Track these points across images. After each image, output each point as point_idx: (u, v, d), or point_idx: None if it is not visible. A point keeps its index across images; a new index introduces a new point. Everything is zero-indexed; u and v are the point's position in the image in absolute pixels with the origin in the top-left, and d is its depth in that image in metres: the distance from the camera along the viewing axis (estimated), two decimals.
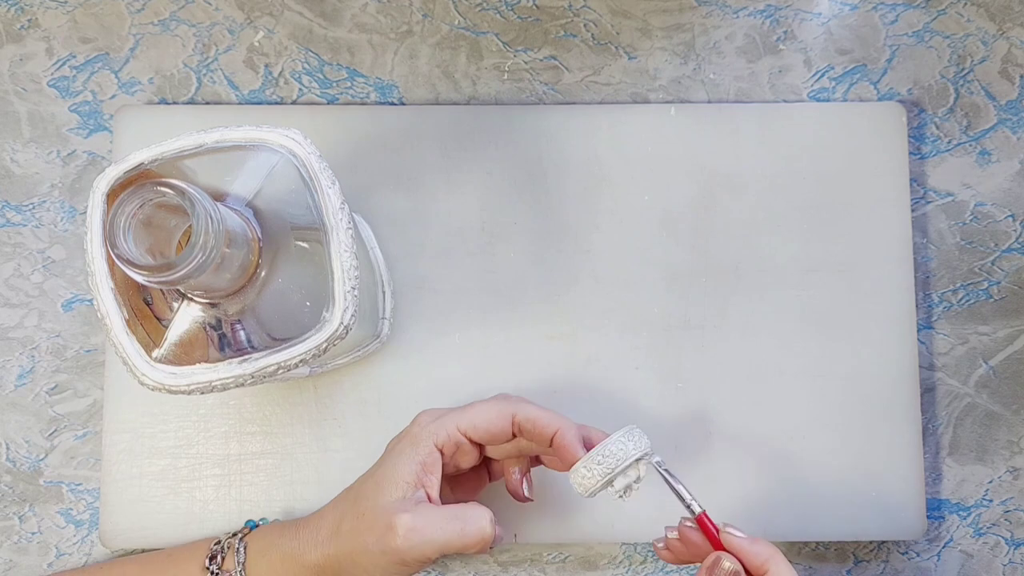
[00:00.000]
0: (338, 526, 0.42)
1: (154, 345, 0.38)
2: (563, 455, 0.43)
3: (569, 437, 0.42)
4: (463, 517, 0.41)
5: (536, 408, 0.43)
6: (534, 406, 0.43)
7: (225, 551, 0.45)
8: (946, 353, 0.53)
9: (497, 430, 0.43)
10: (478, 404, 0.44)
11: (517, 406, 0.43)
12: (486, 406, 0.43)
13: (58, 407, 0.52)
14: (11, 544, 0.52)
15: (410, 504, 0.41)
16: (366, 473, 0.44)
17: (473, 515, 0.41)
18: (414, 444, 0.43)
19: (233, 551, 0.45)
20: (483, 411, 0.43)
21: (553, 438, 0.42)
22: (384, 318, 0.50)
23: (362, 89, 0.54)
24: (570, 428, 0.43)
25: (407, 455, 0.42)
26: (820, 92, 0.55)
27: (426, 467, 0.42)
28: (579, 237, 0.52)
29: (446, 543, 0.40)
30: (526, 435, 0.43)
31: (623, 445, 0.42)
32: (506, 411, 0.43)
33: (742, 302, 0.52)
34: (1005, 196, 0.54)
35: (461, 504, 0.42)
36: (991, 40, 0.55)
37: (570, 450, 0.42)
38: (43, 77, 0.54)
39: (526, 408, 0.43)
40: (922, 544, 0.53)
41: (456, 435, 0.43)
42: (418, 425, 0.44)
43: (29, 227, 0.53)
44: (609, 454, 0.41)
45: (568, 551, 0.52)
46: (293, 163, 0.38)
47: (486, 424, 0.43)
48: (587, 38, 0.55)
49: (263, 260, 0.38)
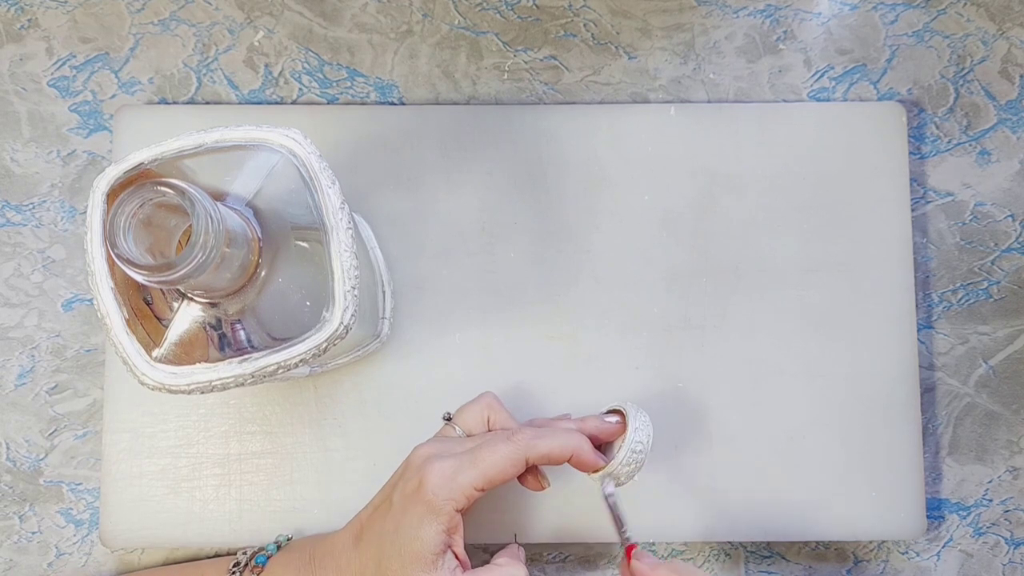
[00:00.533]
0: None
1: (154, 345, 0.38)
2: (584, 468, 0.44)
3: (586, 454, 0.43)
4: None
5: (544, 441, 0.42)
6: (541, 439, 0.42)
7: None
8: (946, 353, 0.53)
9: (511, 475, 0.42)
10: (486, 452, 0.41)
11: (527, 448, 0.42)
12: (495, 456, 0.41)
13: (58, 407, 0.52)
14: (11, 544, 0.52)
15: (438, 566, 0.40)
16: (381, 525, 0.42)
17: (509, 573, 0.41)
18: (435, 513, 0.40)
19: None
20: (494, 464, 0.41)
21: (570, 461, 0.43)
22: (384, 318, 0.50)
23: (362, 89, 0.54)
24: (582, 445, 0.43)
25: (429, 526, 0.40)
26: (820, 92, 0.55)
27: (450, 531, 0.41)
28: (579, 237, 0.52)
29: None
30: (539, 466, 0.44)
31: (640, 437, 0.44)
32: (518, 458, 0.42)
33: (742, 302, 0.52)
34: (1005, 196, 0.54)
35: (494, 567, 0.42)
36: (991, 40, 0.55)
37: (589, 463, 0.43)
38: (43, 77, 0.54)
39: (535, 448, 0.42)
40: (922, 544, 0.53)
41: (473, 494, 0.41)
42: (431, 492, 0.40)
43: (29, 227, 0.53)
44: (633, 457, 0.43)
45: (568, 551, 0.52)
46: (293, 163, 0.38)
47: (501, 477, 0.41)
48: (587, 38, 0.55)
49: (263, 260, 0.38)
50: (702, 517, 0.50)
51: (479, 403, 0.46)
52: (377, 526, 0.42)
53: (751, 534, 0.51)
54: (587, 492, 0.50)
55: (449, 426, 0.46)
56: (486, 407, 0.45)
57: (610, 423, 0.45)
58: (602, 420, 0.45)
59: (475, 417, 0.45)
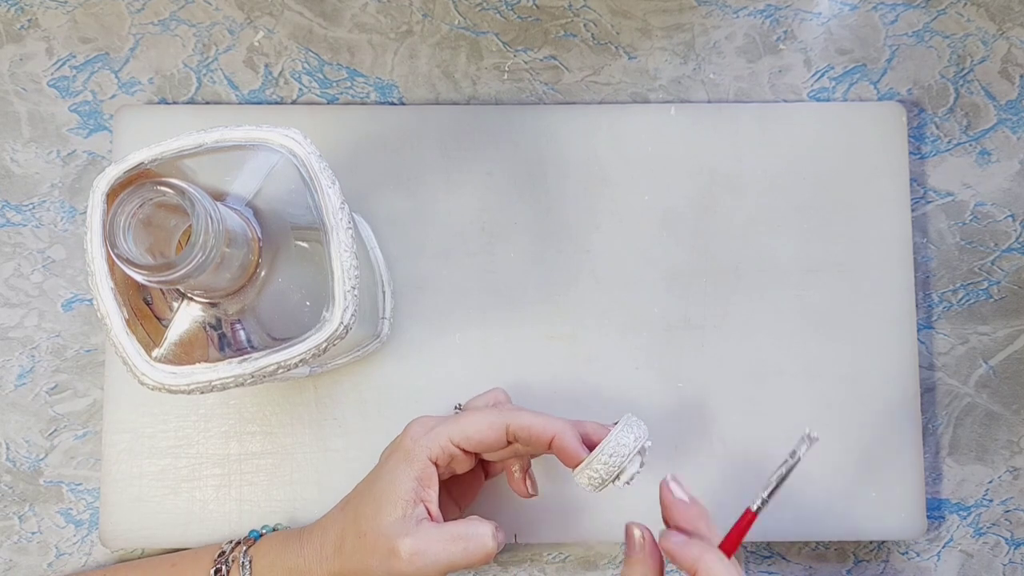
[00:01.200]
0: (341, 543, 0.42)
1: (154, 345, 0.38)
2: (564, 457, 0.43)
3: (568, 440, 0.42)
4: (466, 535, 0.41)
5: (529, 415, 0.43)
6: (527, 413, 0.43)
7: (230, 564, 0.45)
8: (946, 353, 0.53)
9: (491, 440, 0.43)
10: (470, 414, 0.43)
11: (510, 416, 0.43)
12: (477, 417, 0.43)
13: (58, 407, 0.52)
14: (11, 544, 0.52)
15: (411, 525, 0.41)
16: (363, 484, 0.44)
17: (476, 532, 0.41)
18: (408, 459, 0.42)
19: (238, 565, 0.45)
20: (475, 423, 0.42)
21: (551, 443, 0.42)
22: (384, 318, 0.50)
23: (362, 89, 0.54)
24: (566, 431, 0.42)
25: (402, 471, 0.42)
26: (820, 92, 0.55)
27: (422, 482, 0.42)
28: (579, 237, 0.52)
29: (450, 563, 0.41)
30: (522, 442, 0.43)
31: (625, 439, 0.42)
32: (498, 422, 0.42)
33: (742, 302, 0.52)
34: (1005, 196, 0.54)
35: (463, 520, 0.42)
36: (991, 40, 0.55)
37: (571, 452, 0.42)
38: (43, 77, 0.54)
39: (519, 417, 0.43)
40: (922, 544, 0.53)
41: (449, 447, 0.42)
42: (410, 439, 0.43)
43: (29, 227, 0.53)
44: (614, 452, 0.42)
45: (568, 551, 0.52)
46: (293, 163, 0.38)
47: (479, 436, 0.42)
48: (587, 38, 0.55)
49: (263, 260, 0.38)
50: None
51: (488, 395, 0.47)
52: (361, 484, 0.44)
53: (751, 534, 0.51)
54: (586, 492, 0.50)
55: None
56: (493, 398, 0.47)
57: (605, 427, 0.44)
58: (599, 425, 0.45)
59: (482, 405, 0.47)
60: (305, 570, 0.43)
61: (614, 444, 0.42)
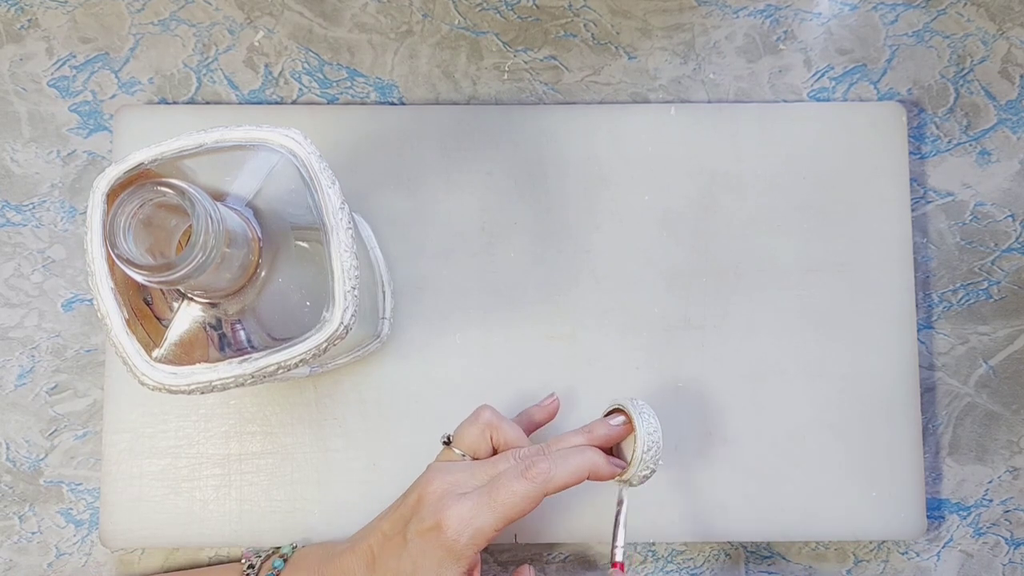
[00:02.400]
0: None
1: (154, 345, 0.38)
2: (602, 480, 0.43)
3: (603, 468, 0.42)
4: None
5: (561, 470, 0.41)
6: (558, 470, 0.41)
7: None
8: (946, 353, 0.53)
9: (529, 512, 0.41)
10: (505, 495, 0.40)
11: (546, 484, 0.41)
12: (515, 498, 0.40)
13: (58, 407, 0.52)
14: (11, 544, 0.52)
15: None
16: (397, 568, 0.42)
17: None
18: (455, 558, 0.40)
19: None
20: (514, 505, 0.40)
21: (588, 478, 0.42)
22: (384, 318, 0.50)
23: (362, 89, 0.54)
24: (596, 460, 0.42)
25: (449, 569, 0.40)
26: (820, 92, 0.55)
27: (470, 572, 0.41)
28: (579, 237, 0.52)
29: None
30: None
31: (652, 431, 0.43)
32: (536, 495, 0.41)
33: (742, 302, 0.52)
34: (1005, 196, 0.54)
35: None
36: (991, 40, 0.55)
37: (608, 476, 0.43)
38: (43, 77, 0.54)
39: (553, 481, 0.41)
40: (922, 544, 0.53)
41: (493, 536, 0.41)
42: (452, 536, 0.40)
43: (29, 227, 0.53)
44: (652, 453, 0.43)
45: (568, 551, 0.52)
46: (293, 163, 0.38)
47: (519, 515, 0.41)
48: (587, 38, 0.55)
49: (263, 260, 0.38)
50: (702, 517, 0.50)
51: (478, 423, 0.44)
52: (392, 563, 0.42)
53: (751, 534, 0.51)
54: (587, 492, 0.50)
55: (449, 450, 0.44)
56: (486, 427, 0.44)
57: (617, 427, 0.44)
58: (608, 426, 0.44)
59: (476, 438, 0.44)
60: None
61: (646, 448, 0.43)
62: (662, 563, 0.52)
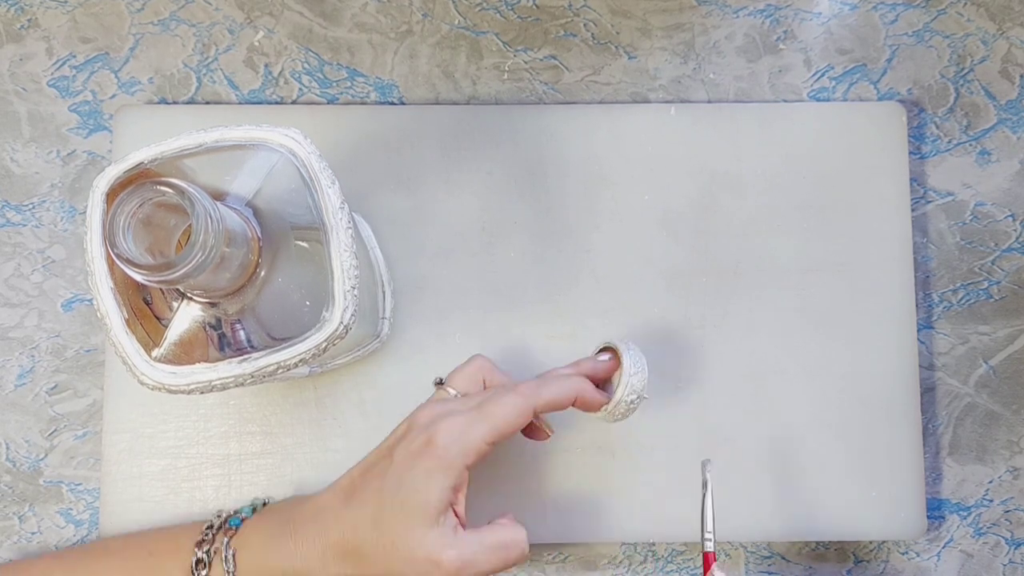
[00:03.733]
0: (356, 549, 0.41)
1: (154, 345, 0.38)
2: (589, 408, 0.44)
3: (589, 394, 0.44)
4: (506, 545, 0.41)
5: (549, 388, 0.43)
6: (547, 387, 0.43)
7: (211, 556, 0.43)
8: (946, 353, 0.53)
9: (519, 427, 0.42)
10: (495, 407, 0.41)
11: (534, 398, 0.42)
12: (504, 408, 0.41)
13: (58, 407, 0.52)
14: (11, 544, 0.52)
15: (449, 536, 0.40)
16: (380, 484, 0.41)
17: (514, 539, 0.41)
18: (444, 469, 0.40)
19: (220, 558, 0.43)
20: (504, 416, 0.41)
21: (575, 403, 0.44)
22: (384, 318, 0.50)
23: (362, 89, 0.54)
24: (583, 386, 0.44)
25: (437, 481, 0.40)
26: (820, 92, 0.55)
27: (457, 488, 0.41)
28: (579, 237, 0.52)
29: (492, 571, 0.40)
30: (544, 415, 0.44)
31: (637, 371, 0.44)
32: (526, 408, 0.41)
33: (742, 302, 0.52)
34: (1005, 196, 0.54)
35: (497, 527, 0.42)
36: (991, 40, 0.55)
37: (594, 404, 0.44)
38: (43, 77, 0.54)
39: (541, 395, 0.42)
40: (922, 544, 0.53)
41: (483, 448, 0.41)
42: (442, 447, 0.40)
43: (29, 227, 0.53)
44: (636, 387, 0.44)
45: (568, 551, 0.52)
46: (293, 162, 0.38)
47: (510, 428, 0.41)
48: (587, 38, 0.55)
49: (263, 260, 0.38)
50: None
51: (472, 365, 0.45)
52: (375, 483, 0.41)
53: (751, 534, 0.51)
54: (586, 492, 0.50)
55: (443, 389, 0.45)
56: (479, 369, 0.45)
57: (604, 361, 0.46)
58: (595, 361, 0.46)
59: (469, 380, 0.45)
60: (305, 572, 0.41)
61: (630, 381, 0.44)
62: (662, 563, 0.52)
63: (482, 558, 0.40)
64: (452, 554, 0.39)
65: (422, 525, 0.39)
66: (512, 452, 0.50)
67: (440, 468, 0.40)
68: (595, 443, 0.51)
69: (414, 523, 0.39)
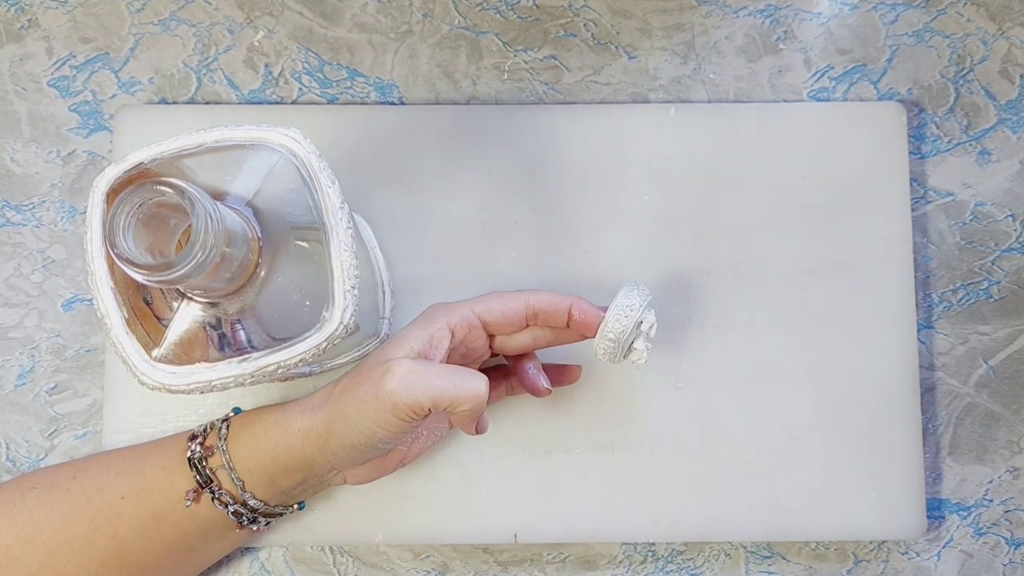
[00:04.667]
0: (331, 392, 0.43)
1: (154, 345, 0.38)
2: (584, 323, 0.44)
3: (586, 305, 0.44)
4: (461, 373, 0.41)
5: (546, 292, 0.45)
6: (543, 291, 0.45)
7: (208, 431, 0.45)
8: (946, 353, 0.53)
9: (511, 313, 0.44)
10: (493, 293, 0.45)
11: (529, 294, 0.45)
12: (498, 295, 0.45)
13: (58, 407, 0.52)
14: None
15: (410, 355, 0.41)
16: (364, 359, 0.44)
17: (472, 374, 0.41)
18: (426, 320, 0.43)
19: (216, 430, 0.44)
20: (496, 298, 0.44)
21: (570, 312, 0.44)
22: (384, 318, 0.50)
23: (362, 89, 0.54)
24: (580, 299, 0.45)
25: (418, 327, 0.43)
26: (820, 92, 0.55)
27: (434, 340, 0.42)
28: (579, 237, 0.52)
29: (441, 392, 0.39)
30: (541, 319, 0.45)
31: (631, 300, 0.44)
32: (520, 297, 0.44)
33: (742, 302, 0.52)
34: (1005, 196, 0.54)
35: (457, 367, 0.42)
36: (991, 40, 0.55)
37: (590, 316, 0.44)
38: (43, 77, 0.54)
39: (537, 294, 0.45)
40: (922, 544, 0.53)
41: (471, 317, 0.44)
42: (431, 308, 0.44)
43: (29, 227, 0.53)
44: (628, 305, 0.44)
45: (568, 551, 0.52)
46: (293, 162, 0.38)
47: (500, 307, 0.44)
48: (587, 38, 0.55)
49: (263, 259, 0.38)
50: (702, 517, 0.50)
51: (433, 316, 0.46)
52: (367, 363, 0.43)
53: (751, 534, 0.51)
54: (586, 492, 0.50)
55: None
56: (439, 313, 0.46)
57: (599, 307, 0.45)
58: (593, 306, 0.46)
59: None
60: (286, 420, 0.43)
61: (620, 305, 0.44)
62: (662, 563, 0.52)
63: (433, 373, 0.40)
64: (405, 363, 0.40)
65: (393, 353, 0.41)
66: (512, 451, 0.50)
67: (421, 321, 0.43)
68: (595, 443, 0.51)
69: (385, 352, 0.42)
